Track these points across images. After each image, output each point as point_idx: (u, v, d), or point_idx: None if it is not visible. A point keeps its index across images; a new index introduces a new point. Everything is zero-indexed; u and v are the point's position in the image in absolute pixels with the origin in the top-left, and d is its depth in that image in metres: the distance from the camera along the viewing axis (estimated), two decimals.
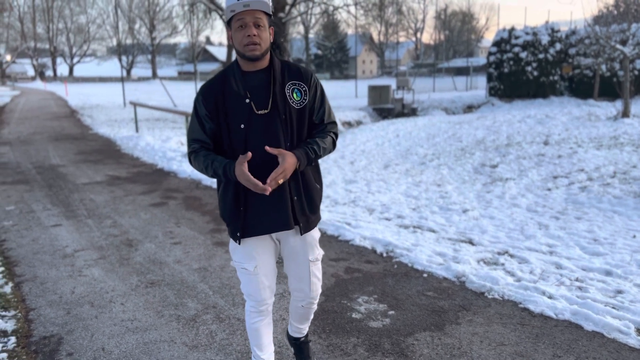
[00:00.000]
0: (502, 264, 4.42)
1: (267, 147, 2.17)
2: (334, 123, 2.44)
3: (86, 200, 6.81)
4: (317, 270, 2.49)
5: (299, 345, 2.84)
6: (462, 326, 3.33)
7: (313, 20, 66.31)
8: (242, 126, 2.22)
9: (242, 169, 2.13)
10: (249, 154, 2.15)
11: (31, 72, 70.43)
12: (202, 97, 2.27)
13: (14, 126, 16.46)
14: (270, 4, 2.26)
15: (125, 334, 3.26)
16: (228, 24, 2.23)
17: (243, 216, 2.30)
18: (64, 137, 13.71)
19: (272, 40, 2.26)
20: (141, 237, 5.21)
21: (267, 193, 2.14)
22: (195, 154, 2.28)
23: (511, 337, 3.18)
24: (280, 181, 2.17)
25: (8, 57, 58.43)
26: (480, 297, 3.77)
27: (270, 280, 2.43)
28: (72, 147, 11.98)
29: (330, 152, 2.41)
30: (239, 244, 2.34)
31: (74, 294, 3.88)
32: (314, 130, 2.37)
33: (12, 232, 5.46)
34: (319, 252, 2.50)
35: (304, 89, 2.30)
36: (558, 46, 23.84)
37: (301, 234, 2.37)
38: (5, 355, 3.00)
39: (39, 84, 53.19)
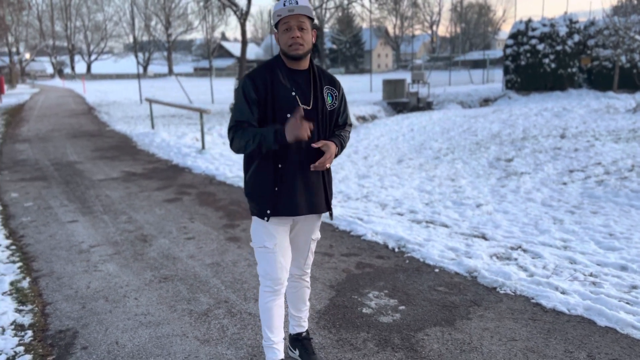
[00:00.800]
0: (515, 259, 4.39)
1: (313, 145, 2.43)
2: (351, 125, 2.76)
3: (102, 196, 6.91)
4: (314, 247, 2.78)
5: (302, 343, 2.86)
6: (473, 321, 3.32)
7: (328, 15, 66.10)
8: (289, 115, 2.41)
9: (297, 121, 2.25)
10: (301, 109, 2.28)
11: (50, 69, 71.37)
12: (253, 83, 2.44)
13: (33, 124, 16.73)
14: (312, 9, 2.48)
15: (138, 328, 3.31)
16: (275, 26, 2.46)
17: (277, 196, 2.47)
18: (81, 134, 13.90)
19: (314, 42, 2.49)
20: (155, 233, 5.27)
21: (306, 137, 2.30)
22: (242, 130, 2.41)
23: (522, 333, 3.16)
24: (328, 165, 2.45)
25: (27, 55, 59.24)
26: (492, 292, 3.75)
27: (287, 261, 2.59)
28: (89, 143, 12.14)
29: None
30: (267, 220, 2.49)
31: (89, 288, 3.95)
32: (336, 129, 2.64)
33: (30, 228, 5.56)
34: (319, 233, 2.80)
35: (335, 94, 2.59)
36: (576, 37, 23.48)
37: (331, 219, 2.85)
38: (22, 348, 3.07)
39: (57, 82, 53.93)
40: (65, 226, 5.58)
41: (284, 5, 2.36)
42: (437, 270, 4.19)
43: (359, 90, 30.07)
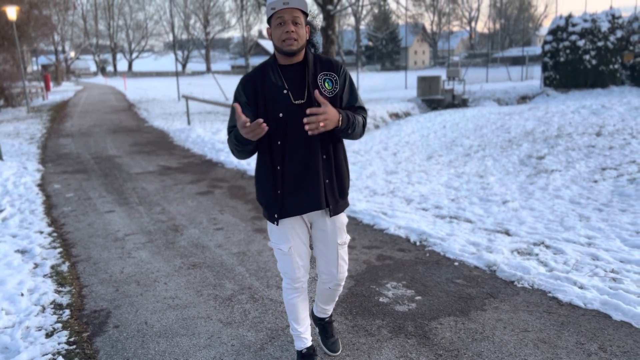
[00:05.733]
0: (536, 255, 4.41)
1: (316, 92, 2.26)
2: (364, 109, 2.58)
3: (138, 188, 7.22)
4: (344, 254, 2.66)
5: (324, 325, 3.00)
6: (487, 312, 3.39)
7: (364, 12, 65.95)
8: (281, 115, 2.39)
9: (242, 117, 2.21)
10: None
11: (93, 67, 73.70)
12: (242, 87, 2.45)
13: (76, 119, 17.41)
14: (307, 3, 2.42)
15: (166, 310, 3.52)
16: (268, 21, 2.40)
17: (281, 199, 2.47)
18: (121, 130, 14.40)
19: (307, 38, 2.43)
20: (187, 223, 5.50)
21: (261, 129, 2.20)
22: (230, 136, 2.45)
23: (535, 324, 3.22)
24: (322, 125, 2.23)
25: (72, 54, 61.35)
26: (510, 286, 3.80)
27: (304, 260, 2.62)
28: (128, 139, 12.58)
29: (359, 134, 2.51)
30: (277, 224, 2.52)
31: (122, 273, 4.19)
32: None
33: (70, 217, 5.89)
34: (347, 237, 2.68)
35: (334, 78, 2.47)
36: (619, 33, 22.78)
37: (330, 216, 2.54)
38: (60, 325, 3.32)
39: (100, 79, 55.66)
40: (102, 216, 5.88)
41: None
42: (456, 263, 4.26)
43: (394, 87, 29.96)
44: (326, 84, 2.45)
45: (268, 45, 78.27)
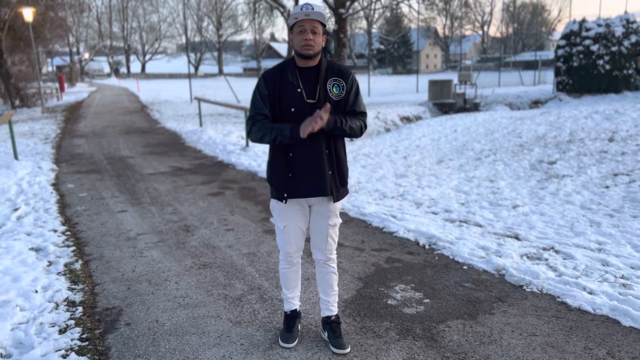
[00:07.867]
0: (546, 259, 4.40)
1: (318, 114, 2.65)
2: (364, 114, 2.94)
3: (150, 189, 7.29)
4: (334, 234, 3.00)
5: (331, 326, 3.04)
6: (496, 316, 3.40)
7: (376, 15, 65.98)
8: (293, 110, 2.76)
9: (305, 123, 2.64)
10: (328, 105, 2.62)
11: (107, 69, 74.43)
12: (264, 81, 2.82)
13: (90, 120, 17.60)
14: (327, 16, 2.71)
15: (177, 309, 3.56)
16: (291, 28, 2.76)
17: (291, 181, 2.82)
18: (133, 131, 14.54)
19: (323, 46, 2.79)
20: (198, 224, 5.56)
21: (321, 121, 2.62)
22: (260, 122, 2.79)
23: (544, 329, 3.22)
24: (315, 126, 2.62)
25: (86, 55, 61.97)
26: (518, 290, 3.80)
27: (296, 239, 2.97)
28: (141, 140, 12.71)
29: (356, 135, 2.88)
30: (285, 202, 2.87)
31: (134, 272, 4.25)
32: (346, 115, 2.86)
33: (83, 216, 5.97)
34: (338, 220, 3.01)
35: (342, 84, 2.83)
36: (633, 38, 22.62)
37: (334, 202, 2.91)
38: (73, 322, 3.38)
39: (113, 81, 56.17)
40: (115, 215, 5.96)
41: (301, 9, 2.67)
42: (465, 267, 4.26)
43: (405, 91, 29.95)
44: (334, 89, 2.81)
45: (280, 48, 78.59)
